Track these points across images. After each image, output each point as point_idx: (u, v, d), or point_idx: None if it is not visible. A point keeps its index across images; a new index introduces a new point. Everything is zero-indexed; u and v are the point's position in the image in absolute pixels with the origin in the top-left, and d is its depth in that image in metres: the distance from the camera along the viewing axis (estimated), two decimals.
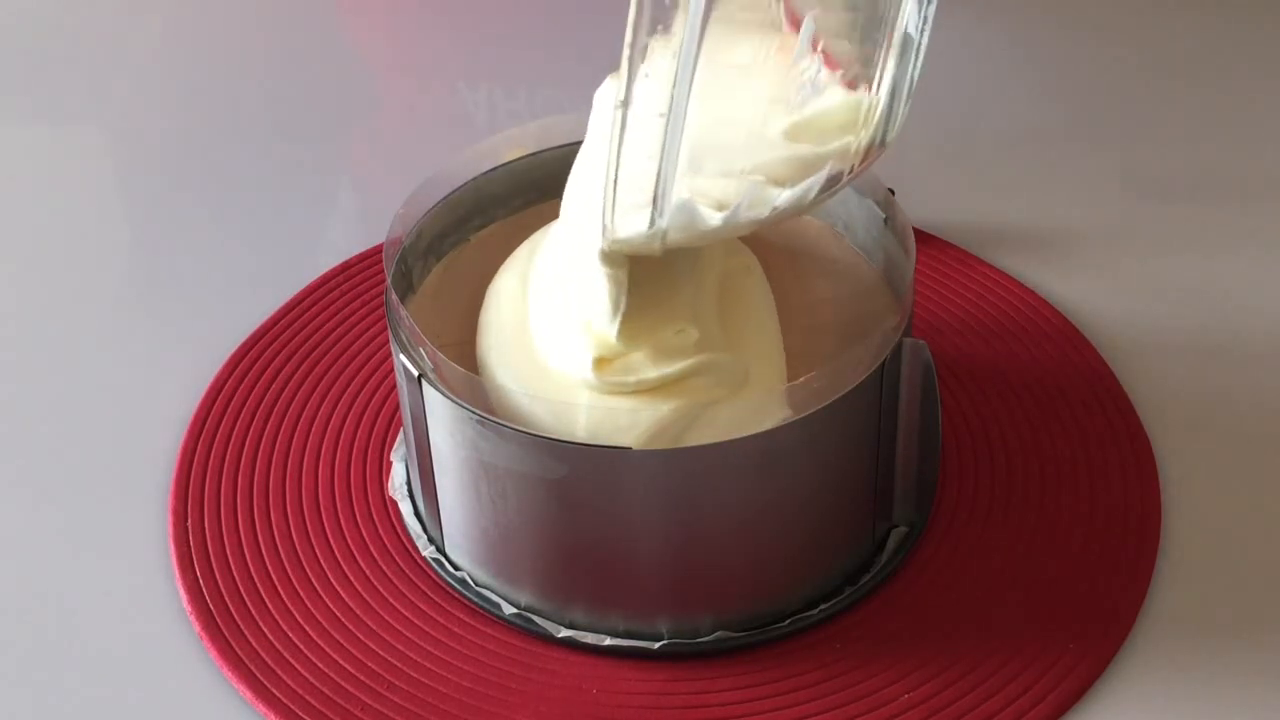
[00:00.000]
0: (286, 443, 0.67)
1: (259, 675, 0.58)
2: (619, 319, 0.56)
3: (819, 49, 0.54)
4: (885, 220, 0.63)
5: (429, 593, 0.61)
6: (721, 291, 0.59)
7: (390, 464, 0.66)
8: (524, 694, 0.57)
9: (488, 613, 0.60)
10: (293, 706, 0.57)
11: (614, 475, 0.55)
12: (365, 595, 0.61)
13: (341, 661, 0.58)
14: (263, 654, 0.59)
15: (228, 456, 0.67)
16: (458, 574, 0.61)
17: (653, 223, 0.53)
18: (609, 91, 0.59)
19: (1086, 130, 0.85)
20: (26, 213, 0.83)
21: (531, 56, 0.93)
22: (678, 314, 0.57)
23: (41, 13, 0.98)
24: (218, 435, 0.68)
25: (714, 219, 0.53)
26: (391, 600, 0.61)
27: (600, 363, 0.55)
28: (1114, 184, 0.81)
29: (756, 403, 0.55)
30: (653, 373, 0.55)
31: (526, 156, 0.66)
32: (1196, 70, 0.89)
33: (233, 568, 0.62)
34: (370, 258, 0.76)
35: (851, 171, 0.55)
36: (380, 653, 0.59)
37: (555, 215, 0.61)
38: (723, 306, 0.59)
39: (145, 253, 0.80)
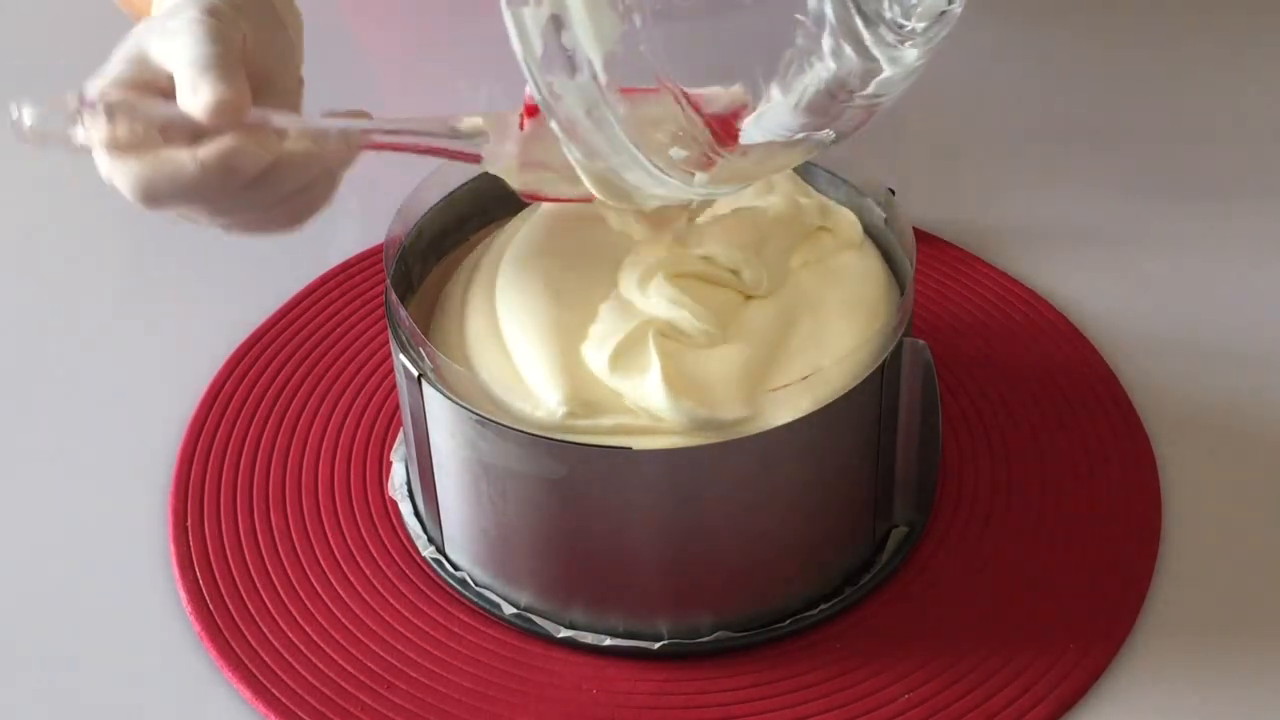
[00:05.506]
0: (286, 443, 0.67)
1: (259, 675, 0.58)
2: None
3: None
4: (885, 220, 0.63)
5: (429, 593, 0.61)
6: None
7: (390, 464, 0.66)
8: (524, 694, 0.57)
9: (488, 613, 0.60)
10: (293, 706, 0.57)
11: (614, 475, 0.55)
12: (365, 595, 0.61)
13: (341, 661, 0.58)
14: (263, 654, 0.59)
15: (228, 456, 0.67)
16: (458, 574, 0.61)
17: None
18: None
19: (1087, 130, 0.85)
20: (26, 213, 0.83)
21: None
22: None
23: (43, 10, 0.98)
24: (218, 435, 0.68)
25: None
26: (391, 600, 0.61)
27: (571, 415, 0.55)
28: (1114, 184, 0.81)
29: (758, 403, 0.55)
30: (634, 418, 0.55)
31: None
32: (1197, 70, 0.89)
33: (233, 568, 0.62)
34: (370, 258, 0.76)
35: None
36: (380, 653, 0.59)
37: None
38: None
39: (145, 253, 0.80)
